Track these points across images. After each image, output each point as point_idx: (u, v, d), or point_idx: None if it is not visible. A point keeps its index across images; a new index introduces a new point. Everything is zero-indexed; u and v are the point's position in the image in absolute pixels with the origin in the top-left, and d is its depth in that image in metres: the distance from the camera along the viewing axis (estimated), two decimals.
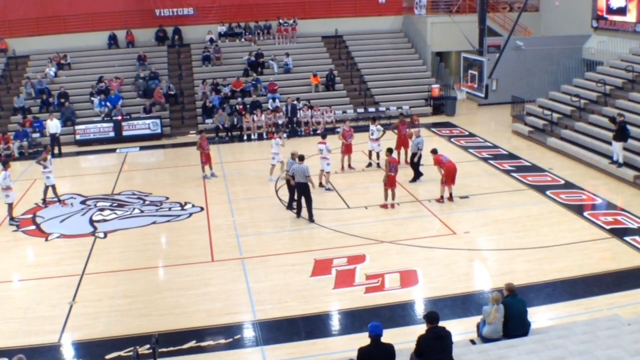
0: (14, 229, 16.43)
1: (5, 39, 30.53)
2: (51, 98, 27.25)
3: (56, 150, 24.04)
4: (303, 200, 16.05)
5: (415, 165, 18.94)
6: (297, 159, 16.03)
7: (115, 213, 17.38)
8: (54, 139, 24.09)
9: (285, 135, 21.67)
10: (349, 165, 20.38)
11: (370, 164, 20.47)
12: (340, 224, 15.74)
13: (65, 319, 11.63)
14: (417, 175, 18.99)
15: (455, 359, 8.28)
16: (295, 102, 26.48)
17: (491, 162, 20.81)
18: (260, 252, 14.35)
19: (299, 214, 16.21)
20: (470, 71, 27.35)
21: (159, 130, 26.36)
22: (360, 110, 28.15)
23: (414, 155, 18.90)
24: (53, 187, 18.07)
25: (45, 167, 17.95)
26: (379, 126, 20.42)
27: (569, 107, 23.35)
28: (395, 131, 20.56)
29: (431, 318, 8.31)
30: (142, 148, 25.13)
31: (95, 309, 12.00)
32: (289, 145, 19.93)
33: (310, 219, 15.91)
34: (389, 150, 17.16)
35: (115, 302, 12.22)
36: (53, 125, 24.02)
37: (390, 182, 16.64)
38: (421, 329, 8.44)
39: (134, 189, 19.55)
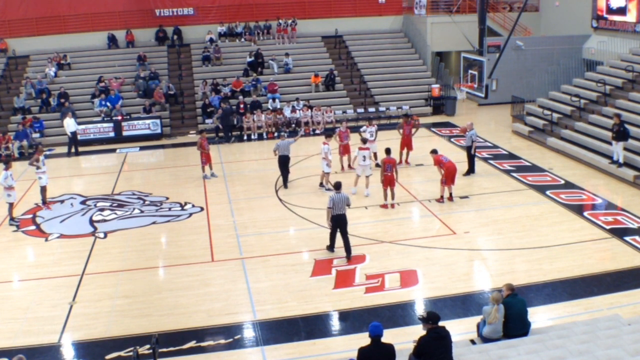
0: (14, 229, 16.44)
1: (5, 39, 30.55)
2: (51, 98, 27.26)
3: (73, 149, 24.23)
4: (338, 232, 13.86)
5: (471, 158, 19.29)
6: (333, 189, 14.25)
7: (115, 213, 17.38)
8: (74, 137, 24.23)
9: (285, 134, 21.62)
10: (349, 165, 20.36)
11: None
12: None
13: (65, 319, 11.64)
14: (472, 168, 19.32)
15: (455, 359, 8.27)
16: (228, 106, 25.92)
17: (491, 162, 20.81)
18: (260, 252, 14.35)
19: (331, 248, 14.06)
20: (470, 71, 27.35)
21: (159, 130, 26.36)
22: (360, 110, 28.15)
23: (469, 148, 19.16)
24: (44, 188, 18.01)
25: (38, 167, 17.92)
26: (376, 127, 20.50)
27: (569, 107, 23.36)
28: (400, 131, 20.56)
29: (433, 318, 8.29)
30: (142, 148, 25.14)
31: (95, 309, 12.01)
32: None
33: (348, 254, 13.69)
34: (387, 151, 17.17)
35: (115, 302, 12.23)
36: (71, 123, 24.13)
37: (387, 182, 16.64)
38: (421, 329, 8.43)
39: (134, 189, 19.55)
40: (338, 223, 13.67)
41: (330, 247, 14.07)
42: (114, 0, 31.52)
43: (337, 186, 14.11)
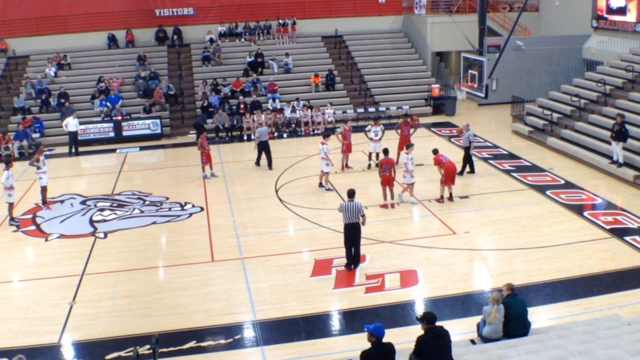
0: (14, 229, 16.44)
1: (5, 39, 30.55)
2: (51, 98, 27.26)
3: (73, 149, 24.29)
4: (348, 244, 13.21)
5: (469, 158, 19.29)
6: (347, 196, 13.35)
7: (115, 213, 17.38)
8: (74, 137, 24.26)
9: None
10: (346, 165, 20.37)
11: (370, 166, 20.43)
12: (340, 224, 15.61)
13: (65, 319, 11.63)
14: (472, 169, 19.36)
15: (455, 359, 8.28)
16: (201, 115, 25.95)
17: (491, 162, 20.81)
18: (260, 252, 14.35)
19: (349, 266, 13.21)
20: (470, 71, 27.35)
21: (159, 131, 26.36)
22: (360, 110, 28.15)
23: (467, 149, 19.17)
24: (44, 188, 18.01)
25: (38, 167, 17.91)
26: (381, 126, 20.46)
27: (569, 107, 23.35)
28: (399, 131, 20.56)
29: (430, 319, 8.29)
30: (142, 148, 25.13)
31: (95, 309, 12.00)
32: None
33: (356, 264, 13.26)
34: (385, 151, 17.18)
35: (115, 302, 12.23)
36: (73, 123, 24.14)
37: (385, 182, 16.65)
38: (420, 329, 8.43)
39: (134, 189, 19.54)
40: (349, 232, 13.03)
41: (347, 265, 13.17)
42: (114, 0, 31.52)
43: (350, 194, 13.18)
